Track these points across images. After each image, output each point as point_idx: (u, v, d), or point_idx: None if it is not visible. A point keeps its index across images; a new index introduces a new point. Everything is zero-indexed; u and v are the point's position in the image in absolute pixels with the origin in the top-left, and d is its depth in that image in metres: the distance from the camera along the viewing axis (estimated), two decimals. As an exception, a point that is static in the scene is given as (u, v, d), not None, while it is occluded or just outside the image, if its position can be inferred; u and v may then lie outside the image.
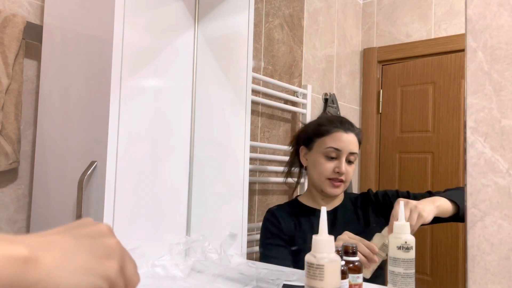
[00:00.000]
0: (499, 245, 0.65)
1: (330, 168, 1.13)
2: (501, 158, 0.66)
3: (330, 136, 1.15)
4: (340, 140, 1.13)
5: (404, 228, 0.74)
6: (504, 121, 0.66)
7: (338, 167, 1.12)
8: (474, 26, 0.69)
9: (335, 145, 1.13)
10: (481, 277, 0.66)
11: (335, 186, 1.14)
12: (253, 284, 0.92)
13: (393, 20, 1.41)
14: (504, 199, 0.65)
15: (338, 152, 1.13)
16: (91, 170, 0.96)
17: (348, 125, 1.15)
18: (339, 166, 1.12)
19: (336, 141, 1.13)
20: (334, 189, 1.14)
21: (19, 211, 1.18)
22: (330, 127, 1.16)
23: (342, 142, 1.13)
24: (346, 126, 1.15)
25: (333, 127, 1.15)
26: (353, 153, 1.14)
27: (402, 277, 0.72)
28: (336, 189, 1.14)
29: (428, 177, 1.28)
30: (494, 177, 0.66)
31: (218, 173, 1.18)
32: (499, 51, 0.67)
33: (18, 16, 1.11)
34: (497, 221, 0.65)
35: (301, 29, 1.58)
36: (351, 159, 1.14)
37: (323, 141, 1.15)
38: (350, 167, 1.14)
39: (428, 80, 1.32)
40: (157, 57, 1.07)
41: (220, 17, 1.20)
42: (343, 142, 1.13)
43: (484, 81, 0.68)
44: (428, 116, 1.30)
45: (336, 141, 1.13)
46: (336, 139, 1.14)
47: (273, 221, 1.21)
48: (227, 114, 1.19)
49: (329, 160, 1.14)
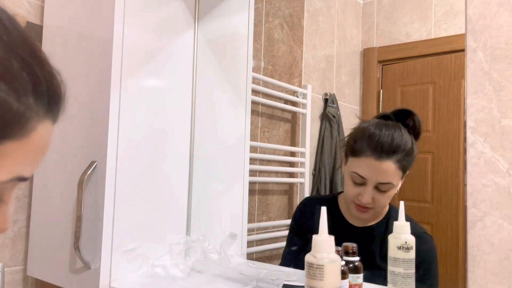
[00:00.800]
0: (499, 245, 0.65)
1: (354, 193, 0.97)
2: (501, 158, 0.66)
3: (358, 159, 0.96)
4: (368, 168, 0.94)
5: (404, 228, 0.74)
6: (504, 121, 0.66)
7: (361, 195, 0.95)
8: (474, 26, 0.69)
9: (360, 172, 0.95)
10: (481, 277, 0.66)
11: (360, 211, 0.99)
12: (253, 284, 0.92)
13: (393, 20, 1.41)
14: (504, 199, 0.65)
15: (363, 179, 0.95)
16: (91, 170, 0.96)
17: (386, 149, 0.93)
18: (362, 194, 0.95)
19: (363, 168, 0.95)
20: (359, 213, 0.99)
21: (19, 211, 1.18)
22: (362, 147, 0.95)
23: (369, 171, 0.94)
24: (382, 151, 0.93)
25: (365, 149, 0.95)
26: (385, 184, 0.94)
27: (402, 277, 0.72)
28: (361, 213, 0.99)
29: (428, 177, 1.28)
30: (494, 177, 0.66)
31: (218, 173, 1.18)
32: (499, 51, 0.67)
33: (18, 16, 1.11)
34: (497, 221, 0.65)
35: (301, 29, 1.58)
36: (383, 188, 0.94)
37: (352, 162, 0.98)
38: (382, 195, 0.95)
39: (428, 80, 1.31)
40: (157, 57, 1.07)
41: (220, 17, 1.20)
42: (370, 171, 0.94)
43: (484, 81, 0.68)
44: (428, 116, 1.30)
45: (363, 168, 0.95)
46: (363, 165, 0.95)
47: (296, 215, 1.17)
48: (227, 114, 1.19)
49: (354, 185, 0.97)
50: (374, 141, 0.94)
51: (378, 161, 0.93)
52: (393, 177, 0.94)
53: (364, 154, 0.94)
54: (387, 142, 0.93)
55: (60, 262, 1.03)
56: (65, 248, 1.02)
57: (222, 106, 1.20)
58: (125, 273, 0.99)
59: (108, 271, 0.95)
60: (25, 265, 1.18)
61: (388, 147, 0.93)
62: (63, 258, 1.02)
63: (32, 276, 1.12)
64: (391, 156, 0.92)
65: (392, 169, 0.93)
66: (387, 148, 0.93)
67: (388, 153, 0.92)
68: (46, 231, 1.08)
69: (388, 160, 0.92)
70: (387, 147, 0.93)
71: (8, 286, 1.15)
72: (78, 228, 0.96)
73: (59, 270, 1.03)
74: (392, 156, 0.92)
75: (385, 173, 0.93)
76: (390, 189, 0.95)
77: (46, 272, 1.07)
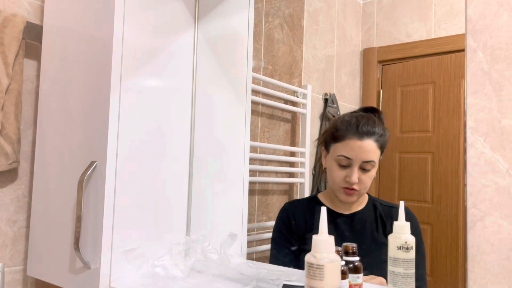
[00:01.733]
0: (499, 245, 0.65)
1: (341, 176, 1.07)
2: (501, 158, 0.66)
3: (342, 143, 1.07)
4: (352, 149, 1.05)
5: (404, 228, 0.74)
6: (504, 121, 0.66)
7: (349, 176, 1.06)
8: (474, 26, 0.69)
9: (345, 153, 1.06)
10: (481, 277, 0.66)
11: (347, 194, 1.08)
12: (253, 284, 0.92)
13: (393, 20, 1.41)
14: (504, 199, 0.65)
15: (349, 160, 1.05)
16: (91, 170, 0.96)
17: (365, 130, 1.06)
18: (349, 175, 1.05)
19: (347, 149, 1.06)
20: (347, 196, 1.08)
21: (19, 211, 1.18)
22: (345, 132, 1.08)
23: (353, 151, 1.05)
24: (363, 131, 1.06)
25: (347, 132, 1.07)
26: (368, 162, 1.05)
27: (402, 277, 0.72)
28: (349, 197, 1.08)
29: (428, 177, 1.28)
30: (494, 177, 0.66)
31: (218, 173, 1.18)
32: (499, 51, 0.67)
33: (18, 16, 1.11)
34: (497, 221, 0.65)
35: (301, 29, 1.58)
36: (367, 167, 1.05)
37: (336, 148, 1.09)
38: (366, 175, 1.06)
39: (428, 80, 1.31)
40: (157, 57, 1.07)
41: (220, 17, 1.20)
42: (355, 150, 1.05)
43: (484, 81, 0.68)
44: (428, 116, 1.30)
45: (347, 149, 1.06)
46: (347, 147, 1.06)
47: (283, 219, 1.18)
48: (227, 114, 1.19)
49: (340, 168, 1.07)
50: (354, 125, 1.07)
51: (361, 140, 1.05)
52: (374, 155, 1.06)
53: (347, 137, 1.07)
54: (366, 124, 1.07)
55: (60, 262, 1.03)
56: (65, 248, 1.02)
57: (222, 106, 1.20)
58: (125, 273, 0.99)
59: (108, 271, 0.95)
60: (25, 265, 1.18)
61: (367, 128, 1.06)
62: (63, 258, 1.02)
63: (32, 276, 1.12)
64: (371, 136, 1.05)
65: (373, 147, 1.06)
66: (366, 129, 1.06)
67: (367, 133, 1.06)
68: (46, 231, 1.08)
69: (369, 139, 1.05)
70: (366, 128, 1.06)
71: (8, 286, 1.15)
72: (78, 228, 0.96)
73: (59, 270, 1.03)
74: (372, 135, 1.06)
75: (368, 152, 1.05)
76: (372, 167, 1.07)
77: (46, 272, 1.07)
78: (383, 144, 1.08)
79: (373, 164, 1.06)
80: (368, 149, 1.05)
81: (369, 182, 1.08)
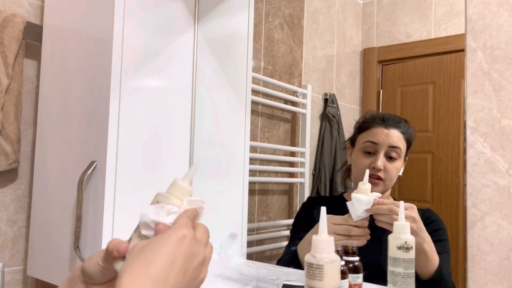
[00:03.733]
0: (499, 245, 0.65)
1: (366, 163, 1.06)
2: (501, 158, 0.66)
3: (368, 131, 1.09)
4: (378, 134, 1.07)
5: (404, 228, 0.74)
6: (504, 121, 0.66)
7: (374, 163, 1.04)
8: (474, 26, 0.69)
9: (371, 138, 1.07)
10: (481, 277, 0.66)
11: (372, 182, 1.02)
12: (253, 284, 0.92)
13: (393, 20, 1.41)
14: (504, 199, 0.65)
15: (375, 146, 1.06)
16: (91, 170, 0.96)
17: (392, 122, 1.09)
18: (374, 162, 1.05)
19: (373, 135, 1.08)
20: (372, 186, 1.03)
21: (19, 211, 1.18)
22: (371, 122, 1.10)
23: (379, 136, 1.06)
24: (389, 122, 1.09)
25: (373, 122, 1.10)
26: (394, 147, 1.05)
27: (402, 277, 0.72)
28: (373, 186, 1.02)
29: (428, 177, 1.28)
30: (494, 177, 0.66)
31: (218, 173, 1.18)
32: (499, 51, 0.67)
33: (18, 16, 1.11)
34: (497, 221, 0.65)
35: (301, 29, 1.58)
36: (392, 154, 1.05)
37: (362, 137, 1.10)
38: (391, 163, 1.05)
39: (428, 80, 1.31)
40: (157, 57, 1.07)
41: (220, 17, 1.20)
42: (381, 136, 1.06)
43: (484, 81, 0.68)
44: (428, 116, 1.30)
45: (373, 135, 1.08)
46: (373, 133, 1.08)
47: (302, 214, 1.18)
48: (227, 114, 1.19)
49: (366, 155, 1.07)
50: (381, 116, 1.11)
51: (387, 129, 1.08)
52: (400, 143, 1.07)
53: (373, 125, 1.09)
54: (392, 116, 1.11)
55: (60, 262, 1.03)
56: (65, 248, 1.02)
57: (222, 106, 1.20)
58: (125, 273, 0.99)
59: (108, 271, 0.95)
60: (25, 265, 1.18)
61: (393, 120, 1.09)
62: (63, 258, 1.02)
63: (32, 276, 1.12)
64: (397, 127, 1.08)
65: (399, 136, 1.07)
66: (392, 120, 1.09)
67: (393, 124, 1.08)
68: (46, 231, 1.08)
69: (395, 129, 1.08)
70: (392, 120, 1.09)
71: (8, 286, 1.15)
72: (78, 228, 0.96)
73: (59, 270, 1.03)
74: (398, 127, 1.08)
75: (395, 138, 1.07)
76: (398, 157, 1.06)
77: (46, 272, 1.07)
78: (409, 138, 1.09)
79: (399, 152, 1.06)
80: (394, 135, 1.06)
81: (395, 173, 1.07)
